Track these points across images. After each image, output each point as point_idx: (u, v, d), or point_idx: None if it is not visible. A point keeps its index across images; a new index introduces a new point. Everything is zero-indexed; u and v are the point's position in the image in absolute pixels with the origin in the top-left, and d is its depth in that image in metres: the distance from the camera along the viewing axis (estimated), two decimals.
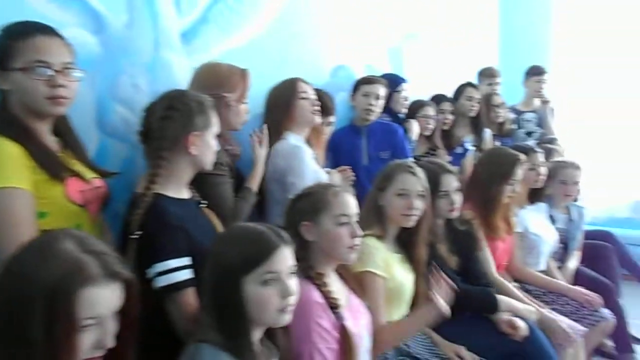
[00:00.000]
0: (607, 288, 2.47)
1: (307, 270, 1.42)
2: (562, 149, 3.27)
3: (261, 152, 1.85)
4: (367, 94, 2.55)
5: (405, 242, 1.80)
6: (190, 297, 1.25)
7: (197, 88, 1.67)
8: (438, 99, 3.09)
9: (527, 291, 2.37)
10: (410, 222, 1.75)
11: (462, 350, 1.80)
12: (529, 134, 3.71)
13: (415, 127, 2.84)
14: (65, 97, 1.21)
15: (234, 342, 1.04)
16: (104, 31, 1.65)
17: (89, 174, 1.33)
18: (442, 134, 3.07)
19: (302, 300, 1.34)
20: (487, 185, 2.21)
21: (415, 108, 2.92)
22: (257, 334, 1.13)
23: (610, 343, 2.60)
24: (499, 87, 3.71)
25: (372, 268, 1.65)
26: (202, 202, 1.48)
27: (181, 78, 1.86)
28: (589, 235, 3.01)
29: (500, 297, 1.94)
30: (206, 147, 1.41)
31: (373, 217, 1.77)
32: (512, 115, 3.70)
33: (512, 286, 2.21)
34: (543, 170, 2.55)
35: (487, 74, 3.74)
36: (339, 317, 1.38)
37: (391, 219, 1.77)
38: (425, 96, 3.09)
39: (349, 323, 1.42)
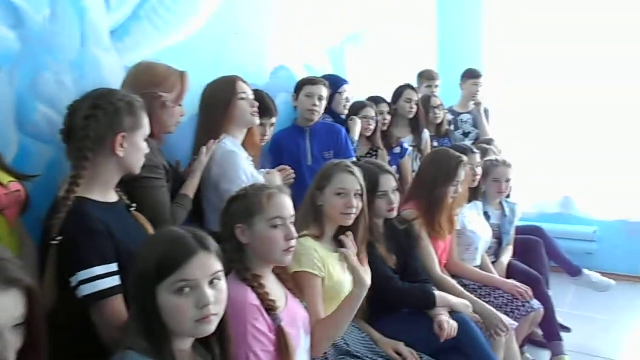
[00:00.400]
0: (537, 280, 2.60)
1: (243, 273, 1.40)
2: (498, 149, 3.42)
3: (203, 160, 1.81)
4: (310, 94, 2.55)
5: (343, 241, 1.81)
6: (117, 305, 1.20)
7: (132, 87, 1.61)
8: (376, 100, 3.14)
9: (463, 286, 2.45)
10: (349, 221, 1.76)
11: (400, 346, 1.84)
12: (465, 134, 3.85)
13: (357, 127, 2.86)
14: None
15: (159, 349, 0.99)
16: (23, 25, 1.55)
17: (6, 178, 1.25)
18: (382, 135, 3.11)
19: (238, 303, 1.32)
20: (431, 187, 2.26)
21: (356, 109, 2.95)
22: (184, 343, 1.09)
23: (540, 332, 2.74)
24: (438, 89, 3.83)
25: (309, 268, 1.65)
26: (132, 205, 1.42)
27: (111, 76, 1.79)
28: (521, 230, 3.16)
29: (437, 293, 1.99)
30: (135, 149, 1.35)
31: (311, 217, 1.77)
32: (449, 117, 3.84)
33: (454, 282, 2.28)
34: (479, 170, 2.67)
35: (426, 76, 3.85)
36: (275, 319, 1.37)
37: (330, 218, 1.78)
38: (366, 97, 3.13)
39: (287, 324, 1.41)
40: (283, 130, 2.61)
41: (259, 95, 2.25)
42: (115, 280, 1.22)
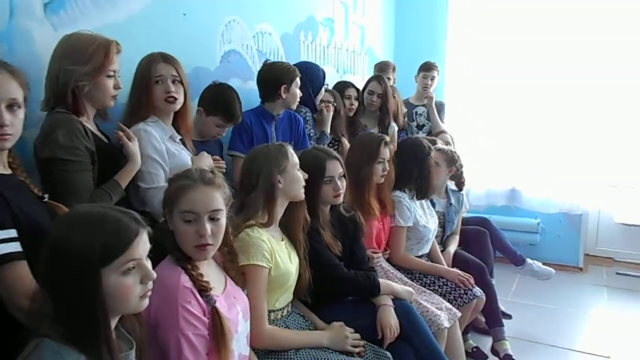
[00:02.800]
0: (480, 269, 2.67)
1: (177, 255, 1.37)
2: (449, 140, 3.48)
3: (132, 146, 1.69)
4: (298, 85, 2.51)
5: (287, 227, 1.81)
6: (20, 271, 1.14)
7: (52, 59, 1.56)
8: (344, 85, 3.12)
9: (410, 274, 2.50)
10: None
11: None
12: (420, 127, 3.90)
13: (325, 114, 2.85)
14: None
15: (84, 335, 0.95)
16: None
17: None
18: (347, 121, 3.10)
19: (169, 285, 1.29)
20: (358, 167, 2.29)
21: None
22: (113, 324, 1.05)
23: (482, 319, 2.82)
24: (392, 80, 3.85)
25: (257, 261, 1.62)
26: (43, 196, 1.34)
27: (43, 51, 1.67)
28: (469, 221, 3.26)
29: (381, 281, 2.00)
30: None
31: (261, 202, 1.73)
32: (404, 109, 3.87)
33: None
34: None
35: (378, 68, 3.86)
36: (209, 300, 1.33)
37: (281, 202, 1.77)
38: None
39: (224, 309, 1.38)
40: (251, 112, 2.49)
41: (231, 102, 2.22)
42: (15, 247, 1.16)
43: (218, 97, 2.23)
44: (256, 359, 1.60)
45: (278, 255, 1.71)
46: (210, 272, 1.43)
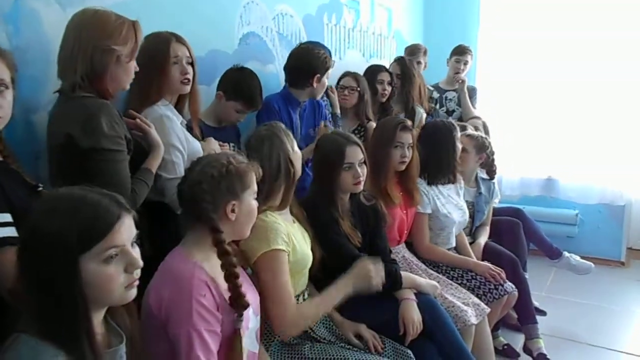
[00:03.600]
0: (512, 262, 2.51)
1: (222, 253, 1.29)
2: (480, 127, 3.29)
3: (154, 133, 1.61)
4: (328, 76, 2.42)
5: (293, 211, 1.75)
6: (11, 255, 1.04)
7: (78, 39, 1.42)
8: (376, 69, 2.99)
9: (436, 266, 2.37)
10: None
11: (362, 329, 1.75)
12: (449, 112, 3.72)
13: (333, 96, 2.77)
14: None
15: (62, 330, 0.87)
16: None
17: None
18: (380, 107, 2.98)
19: (183, 277, 1.21)
20: (374, 152, 2.17)
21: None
22: (98, 316, 0.97)
23: (514, 315, 2.66)
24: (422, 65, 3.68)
25: (279, 245, 1.54)
26: (38, 186, 1.27)
27: (52, 31, 1.61)
28: (500, 211, 3.08)
29: (403, 274, 1.88)
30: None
31: (280, 186, 1.66)
32: (435, 94, 3.71)
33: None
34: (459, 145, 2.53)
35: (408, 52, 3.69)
36: (236, 322, 1.26)
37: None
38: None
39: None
40: (278, 97, 2.40)
41: (253, 88, 2.14)
42: (10, 231, 1.10)
43: (240, 82, 2.15)
44: (266, 354, 1.52)
45: (294, 238, 1.63)
46: (219, 263, 1.34)
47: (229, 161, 1.33)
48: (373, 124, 2.79)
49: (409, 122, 2.29)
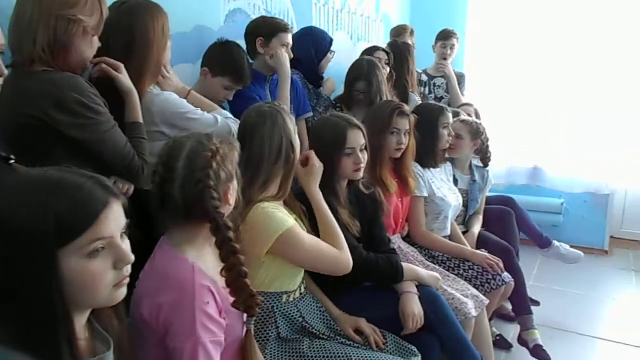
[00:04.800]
0: (508, 251, 2.45)
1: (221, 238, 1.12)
2: (472, 114, 3.21)
3: (124, 77, 1.46)
4: (287, 44, 2.23)
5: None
6: None
7: (34, 5, 1.26)
8: (372, 49, 2.86)
9: (432, 257, 2.29)
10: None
11: (362, 323, 1.64)
12: (437, 99, 3.64)
13: (329, 84, 2.66)
14: None
15: (38, 336, 0.73)
16: None
17: None
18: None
19: (182, 282, 1.07)
20: (369, 138, 2.03)
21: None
22: (81, 319, 0.83)
23: (507, 305, 2.61)
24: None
25: (288, 224, 1.44)
26: (10, 157, 1.09)
27: None
28: (491, 200, 3.02)
29: (405, 266, 1.79)
30: None
31: (277, 175, 1.54)
32: (424, 78, 3.61)
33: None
34: (449, 130, 2.45)
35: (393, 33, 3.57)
36: (247, 322, 1.16)
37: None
38: None
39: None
40: None
41: (240, 60, 2.00)
42: None
43: (226, 56, 2.00)
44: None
45: None
46: (215, 259, 1.20)
47: (215, 147, 1.16)
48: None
49: (406, 107, 2.18)
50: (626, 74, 3.77)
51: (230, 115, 1.81)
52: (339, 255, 1.52)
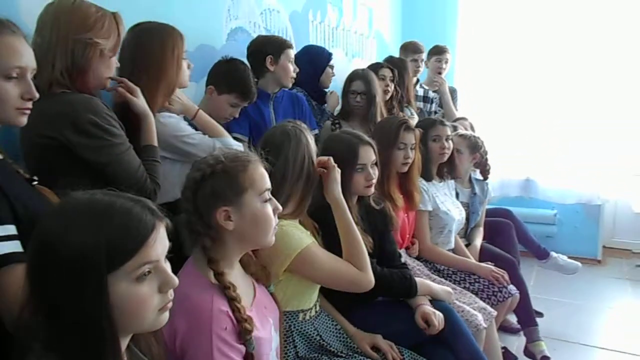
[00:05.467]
0: (511, 264, 2.48)
1: (215, 266, 1.13)
2: (469, 127, 3.25)
3: (140, 101, 1.48)
4: (292, 60, 2.27)
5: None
6: (17, 276, 0.89)
7: (56, 30, 1.28)
8: (376, 66, 2.87)
9: (438, 271, 2.30)
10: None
11: (379, 340, 1.64)
12: (431, 113, 3.69)
13: (333, 98, 2.67)
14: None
15: None
16: None
17: None
18: (385, 106, 2.82)
19: (200, 306, 1.06)
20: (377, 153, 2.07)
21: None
22: (123, 346, 0.82)
23: (509, 318, 2.62)
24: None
25: (306, 242, 1.45)
26: (33, 179, 1.11)
27: (29, 19, 1.42)
28: (489, 212, 3.05)
29: (418, 280, 1.79)
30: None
31: (298, 193, 1.54)
32: (420, 93, 3.66)
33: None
34: (448, 143, 2.47)
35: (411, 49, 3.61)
36: (248, 344, 1.11)
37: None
38: None
39: (258, 324, 1.15)
40: None
41: (246, 77, 2.00)
42: (14, 246, 0.94)
43: (232, 73, 2.00)
44: None
45: None
46: (239, 278, 1.19)
47: (217, 161, 1.15)
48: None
49: (412, 122, 2.20)
50: (615, 86, 3.86)
51: (233, 142, 1.80)
52: (358, 273, 1.51)
